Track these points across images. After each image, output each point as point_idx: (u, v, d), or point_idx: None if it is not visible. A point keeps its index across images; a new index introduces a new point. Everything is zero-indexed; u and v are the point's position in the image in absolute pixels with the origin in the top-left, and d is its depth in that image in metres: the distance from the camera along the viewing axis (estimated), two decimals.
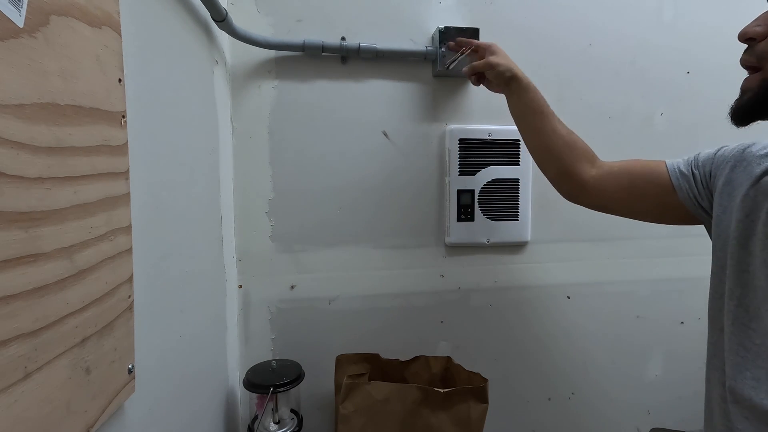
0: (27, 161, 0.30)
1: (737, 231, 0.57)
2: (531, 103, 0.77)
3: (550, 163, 0.77)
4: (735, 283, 0.57)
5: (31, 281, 0.31)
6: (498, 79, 0.79)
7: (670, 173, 0.68)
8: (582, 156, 0.75)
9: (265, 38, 0.88)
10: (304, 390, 0.89)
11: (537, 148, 0.79)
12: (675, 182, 0.67)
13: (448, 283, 1.02)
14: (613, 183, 0.73)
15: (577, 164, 0.75)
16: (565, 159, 0.75)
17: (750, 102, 0.52)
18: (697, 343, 1.09)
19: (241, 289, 0.94)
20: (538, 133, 0.77)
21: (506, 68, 0.78)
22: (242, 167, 0.92)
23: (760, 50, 0.50)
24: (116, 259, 0.42)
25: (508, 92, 0.80)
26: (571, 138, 0.76)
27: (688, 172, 0.67)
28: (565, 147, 0.75)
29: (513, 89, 0.78)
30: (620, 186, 0.72)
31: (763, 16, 0.51)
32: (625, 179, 0.72)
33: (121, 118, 0.43)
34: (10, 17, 0.29)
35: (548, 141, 0.76)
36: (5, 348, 0.28)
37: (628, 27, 1.03)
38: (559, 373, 1.07)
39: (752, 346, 0.54)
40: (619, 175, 0.73)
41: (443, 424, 0.79)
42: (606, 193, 0.74)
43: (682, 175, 0.67)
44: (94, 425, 0.38)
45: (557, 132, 0.75)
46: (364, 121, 0.96)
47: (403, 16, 0.96)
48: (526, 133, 0.80)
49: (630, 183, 0.72)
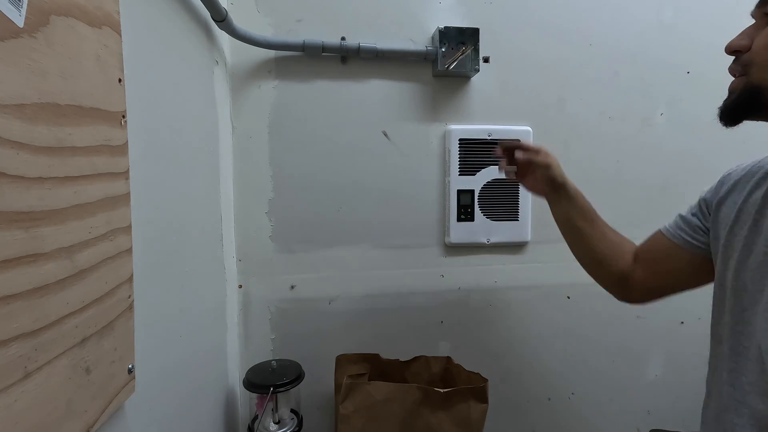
0: (27, 161, 0.30)
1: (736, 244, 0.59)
2: (581, 209, 0.75)
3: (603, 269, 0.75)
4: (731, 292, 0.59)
5: (31, 281, 0.31)
6: (548, 182, 0.76)
7: (667, 235, 0.70)
8: (629, 256, 0.74)
9: (265, 38, 0.88)
10: (304, 390, 0.89)
11: (588, 254, 0.77)
12: (678, 241, 0.68)
13: (448, 283, 1.02)
14: (649, 277, 0.72)
15: (628, 267, 0.73)
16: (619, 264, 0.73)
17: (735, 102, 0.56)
18: (697, 344, 1.09)
19: (241, 289, 0.94)
20: (588, 239, 0.75)
21: (560, 174, 0.76)
22: (242, 167, 0.92)
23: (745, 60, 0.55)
24: (116, 259, 0.42)
25: (555, 197, 0.77)
26: (618, 239, 0.75)
27: (681, 223, 0.69)
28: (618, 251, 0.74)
29: (562, 194, 0.76)
30: (658, 277, 0.72)
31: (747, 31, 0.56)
32: (649, 270, 0.72)
33: (121, 118, 0.43)
34: (10, 17, 0.29)
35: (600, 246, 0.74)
36: (5, 348, 0.28)
37: (628, 27, 1.03)
38: (559, 373, 1.07)
39: (742, 350, 0.56)
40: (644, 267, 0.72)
41: (443, 424, 0.79)
42: (651, 291, 0.74)
43: (678, 227, 0.69)
44: (94, 425, 0.38)
45: (607, 237, 0.75)
46: (364, 121, 0.96)
47: (403, 16, 0.96)
48: (575, 238, 0.77)
49: (662, 270, 0.71)
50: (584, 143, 1.03)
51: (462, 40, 0.92)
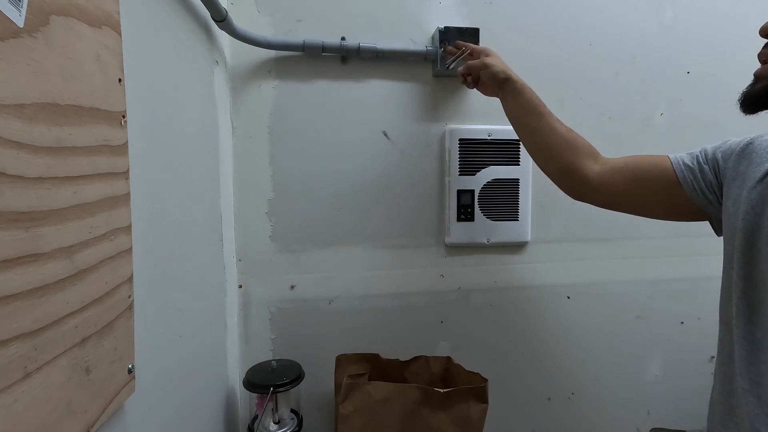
0: (27, 161, 0.30)
1: (743, 224, 0.57)
2: (527, 104, 0.77)
3: (551, 161, 0.76)
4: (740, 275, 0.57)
5: (31, 281, 0.31)
6: (492, 81, 0.79)
7: (674, 166, 0.68)
8: (584, 152, 0.75)
9: (265, 38, 0.88)
10: (304, 390, 0.89)
11: (537, 148, 0.78)
12: (680, 175, 0.67)
13: (448, 283, 1.02)
14: (617, 178, 0.72)
15: (579, 160, 0.74)
16: (566, 155, 0.74)
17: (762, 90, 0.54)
18: (697, 343, 1.10)
19: (241, 289, 0.94)
20: (536, 133, 0.76)
21: (500, 70, 0.78)
22: (242, 167, 0.92)
23: None
24: (116, 259, 0.42)
25: (502, 95, 0.80)
26: (571, 135, 0.76)
27: (693, 165, 0.67)
28: (565, 144, 0.75)
29: (507, 91, 0.78)
30: (625, 181, 0.72)
31: None
32: (629, 174, 0.72)
33: (121, 118, 0.43)
34: (10, 17, 0.29)
35: (547, 139, 0.75)
36: (5, 348, 0.28)
37: (628, 27, 1.03)
38: (559, 373, 1.07)
39: (754, 340, 0.55)
40: (623, 170, 0.73)
41: (443, 424, 0.79)
42: (611, 189, 0.73)
43: (687, 167, 0.67)
44: (94, 425, 0.38)
45: (556, 130, 0.75)
46: (364, 121, 0.96)
47: (403, 16, 0.96)
48: (524, 134, 0.79)
49: (635, 177, 0.72)
50: None
51: (462, 41, 0.92)
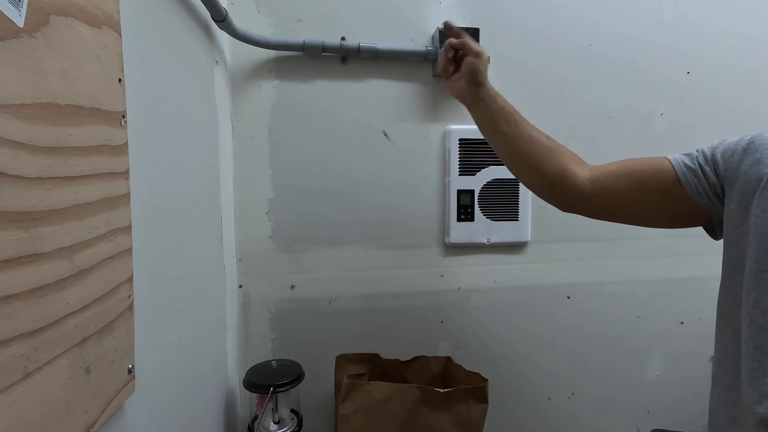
0: (27, 161, 0.30)
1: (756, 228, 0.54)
2: (502, 111, 0.71)
3: (534, 171, 0.69)
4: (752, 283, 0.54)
5: (31, 281, 0.31)
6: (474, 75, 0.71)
7: (675, 167, 0.64)
8: (569, 158, 0.69)
9: (265, 38, 0.88)
10: (304, 390, 0.88)
11: (516, 158, 0.71)
12: (682, 176, 0.63)
13: (448, 283, 1.02)
14: (614, 182, 0.66)
15: (568, 166, 0.68)
16: (552, 163, 0.68)
17: None
18: (697, 344, 1.10)
19: (241, 289, 0.94)
20: (514, 141, 0.70)
21: (485, 69, 0.72)
22: (242, 167, 0.92)
23: None
24: (116, 259, 0.42)
25: (475, 98, 0.72)
26: (552, 142, 0.70)
27: (695, 166, 0.63)
28: (548, 151, 0.68)
29: (483, 95, 0.72)
30: (622, 184, 0.66)
31: None
32: (627, 177, 0.66)
33: (121, 118, 0.43)
34: (10, 17, 0.29)
35: (527, 148, 0.69)
36: (5, 348, 0.28)
37: (628, 27, 1.03)
38: (559, 373, 1.07)
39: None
40: (619, 173, 0.67)
41: (443, 424, 0.79)
42: (608, 194, 0.67)
43: (689, 168, 0.63)
44: (94, 425, 0.38)
45: (535, 137, 0.69)
46: (364, 121, 0.96)
47: (403, 16, 0.96)
48: (500, 143, 0.72)
49: (633, 180, 0.66)
50: (584, 143, 1.02)
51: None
